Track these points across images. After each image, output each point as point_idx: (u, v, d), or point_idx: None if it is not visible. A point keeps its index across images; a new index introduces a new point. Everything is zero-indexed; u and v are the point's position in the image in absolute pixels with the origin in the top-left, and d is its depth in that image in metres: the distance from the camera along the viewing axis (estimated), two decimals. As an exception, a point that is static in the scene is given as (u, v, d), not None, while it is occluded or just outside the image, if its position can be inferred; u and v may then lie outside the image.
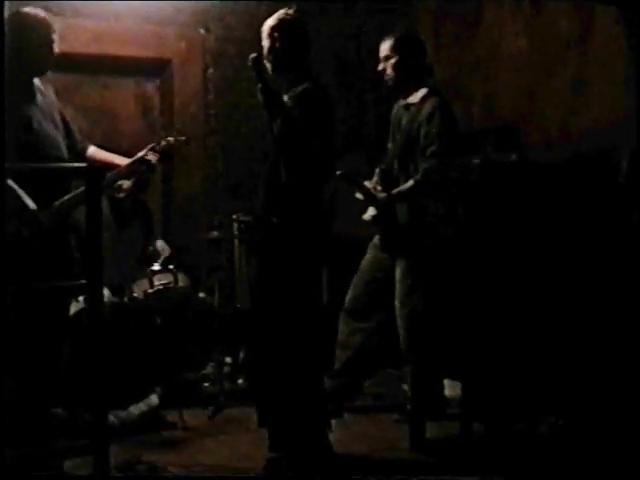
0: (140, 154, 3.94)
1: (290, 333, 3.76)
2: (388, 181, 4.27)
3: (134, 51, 5.84)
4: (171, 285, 4.95)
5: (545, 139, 5.26)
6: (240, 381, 5.19)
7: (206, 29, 6.06)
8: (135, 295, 4.85)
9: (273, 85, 3.75)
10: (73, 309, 4.32)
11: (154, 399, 4.55)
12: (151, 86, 6.14)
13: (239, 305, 5.37)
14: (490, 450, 3.97)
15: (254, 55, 3.72)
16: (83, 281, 2.84)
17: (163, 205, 6.12)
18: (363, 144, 6.37)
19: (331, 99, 3.97)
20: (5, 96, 2.78)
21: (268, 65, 3.84)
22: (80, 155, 3.97)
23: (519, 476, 3.73)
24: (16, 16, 3.64)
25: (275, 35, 3.84)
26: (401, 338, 4.26)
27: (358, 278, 4.48)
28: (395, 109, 4.47)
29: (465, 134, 4.65)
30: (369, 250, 4.48)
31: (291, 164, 3.74)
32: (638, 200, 4.17)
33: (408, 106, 4.34)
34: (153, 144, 3.99)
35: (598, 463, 3.68)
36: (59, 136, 3.82)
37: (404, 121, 4.34)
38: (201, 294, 5.34)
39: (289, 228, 3.77)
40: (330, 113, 3.90)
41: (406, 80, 4.31)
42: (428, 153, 4.15)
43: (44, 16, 3.74)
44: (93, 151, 4.06)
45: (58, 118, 3.87)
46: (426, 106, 4.22)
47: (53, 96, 3.90)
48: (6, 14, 3.03)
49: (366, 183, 4.27)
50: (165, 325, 4.69)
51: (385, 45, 4.32)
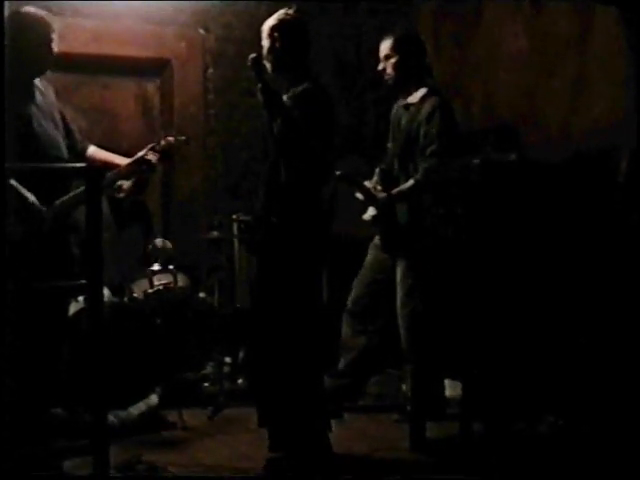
0: (140, 154, 3.93)
1: (290, 333, 3.76)
2: (388, 181, 4.27)
3: (134, 51, 5.84)
4: (171, 285, 4.94)
5: (545, 139, 5.26)
6: (240, 381, 5.19)
7: (206, 29, 6.06)
8: (135, 295, 4.85)
9: (273, 85, 3.76)
10: (73, 309, 4.32)
11: (154, 399, 4.55)
12: (151, 86, 6.14)
13: (239, 305, 5.37)
14: (490, 450, 3.97)
15: (254, 55, 3.72)
16: (83, 281, 2.84)
17: (163, 205, 6.11)
18: (363, 144, 6.36)
19: (331, 99, 3.97)
20: (5, 96, 2.78)
21: (268, 65, 3.84)
22: (80, 155, 3.96)
23: (519, 476, 3.73)
24: (16, 16, 3.63)
25: (275, 35, 3.84)
26: (402, 338, 4.26)
27: (359, 279, 4.47)
28: (395, 109, 4.47)
29: (465, 134, 4.65)
30: (370, 251, 4.48)
31: (291, 164, 3.74)
32: (638, 200, 4.17)
33: (408, 106, 4.34)
34: (153, 144, 3.98)
35: (598, 463, 3.68)
36: (59, 136, 3.81)
37: (404, 121, 4.34)
38: (201, 294, 5.34)
39: (289, 228, 3.78)
40: (330, 113, 3.90)
41: (406, 80, 4.31)
42: (428, 153, 4.15)
43: (43, 15, 3.74)
44: (93, 151, 4.05)
45: (58, 118, 3.86)
46: (426, 106, 4.22)
47: (53, 96, 3.89)
48: (6, 13, 3.02)
49: (366, 183, 4.28)
50: (165, 325, 4.69)
51: (385, 45, 4.32)
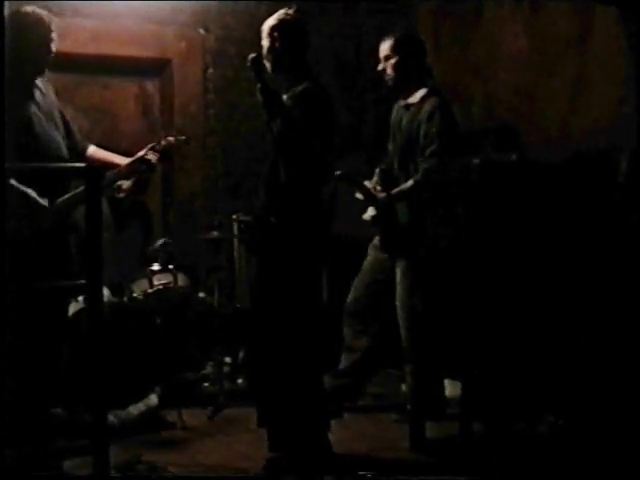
0: (140, 154, 3.93)
1: (290, 333, 3.76)
2: (388, 181, 4.27)
3: (134, 51, 5.84)
4: (171, 285, 4.94)
5: (545, 139, 5.26)
6: (240, 381, 5.18)
7: (206, 29, 6.06)
8: (135, 295, 4.84)
9: (273, 85, 3.75)
10: (73, 309, 4.32)
11: (153, 399, 4.55)
12: (151, 86, 6.14)
13: (239, 305, 5.37)
14: (490, 450, 3.97)
15: (253, 55, 3.72)
16: (83, 281, 2.84)
17: (163, 205, 6.11)
18: (363, 144, 6.36)
19: (330, 99, 3.96)
20: (5, 96, 2.78)
21: (268, 65, 3.84)
22: (80, 155, 3.96)
23: (519, 476, 3.73)
24: (16, 15, 3.63)
25: (275, 35, 3.84)
26: (402, 338, 4.26)
27: (359, 280, 4.47)
28: (395, 109, 4.47)
29: (465, 134, 4.65)
30: (369, 251, 4.48)
31: (290, 164, 3.74)
32: (638, 200, 4.17)
33: (408, 106, 4.34)
34: (153, 144, 3.98)
35: (598, 463, 3.68)
36: (59, 136, 3.81)
37: (404, 121, 4.33)
38: (201, 294, 5.33)
39: (289, 228, 3.77)
40: (329, 113, 3.90)
41: (406, 80, 4.31)
42: (428, 153, 4.15)
43: (43, 15, 3.74)
44: (93, 151, 4.05)
45: (58, 118, 3.86)
46: (426, 106, 4.22)
47: (53, 96, 3.89)
48: (6, 13, 3.02)
49: (366, 183, 4.27)
50: (165, 325, 4.69)
51: (385, 45, 4.32)
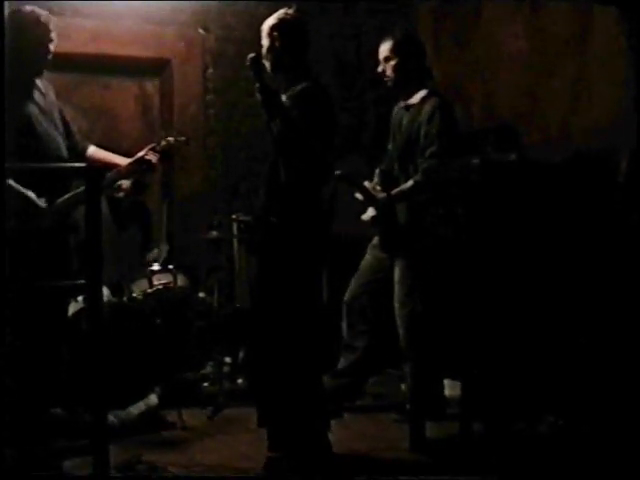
0: (140, 154, 3.93)
1: (290, 333, 3.76)
2: (388, 182, 4.27)
3: (134, 51, 5.84)
4: (171, 285, 4.94)
5: (545, 139, 5.26)
6: (240, 381, 5.18)
7: (205, 29, 6.06)
8: (134, 295, 4.84)
9: (272, 84, 3.75)
10: (72, 309, 4.32)
11: (153, 399, 4.55)
12: (150, 86, 6.13)
13: (239, 305, 5.37)
14: (490, 450, 3.97)
15: (253, 55, 3.72)
16: (82, 281, 2.84)
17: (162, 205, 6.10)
18: (363, 144, 6.36)
19: (330, 99, 3.96)
20: (5, 96, 2.78)
21: (267, 64, 3.83)
22: (80, 155, 3.96)
23: (519, 476, 3.73)
24: (15, 15, 3.63)
25: (274, 34, 3.83)
26: (400, 338, 4.26)
27: (357, 279, 4.47)
28: (395, 110, 4.47)
29: (465, 134, 4.65)
30: (368, 250, 4.49)
31: (290, 164, 3.73)
32: (638, 200, 4.17)
33: (408, 107, 4.34)
34: (153, 144, 3.98)
35: (598, 463, 3.68)
36: (59, 136, 3.81)
37: (404, 122, 4.33)
38: (201, 294, 5.33)
39: (289, 228, 3.77)
40: (329, 112, 3.89)
41: (406, 82, 4.31)
42: (428, 154, 4.15)
43: (42, 15, 3.74)
44: (93, 151, 4.05)
45: (58, 118, 3.86)
46: (426, 107, 4.22)
47: (53, 96, 3.89)
48: (6, 13, 3.02)
49: (366, 184, 4.27)
50: (164, 325, 4.69)
51: (384, 47, 4.32)
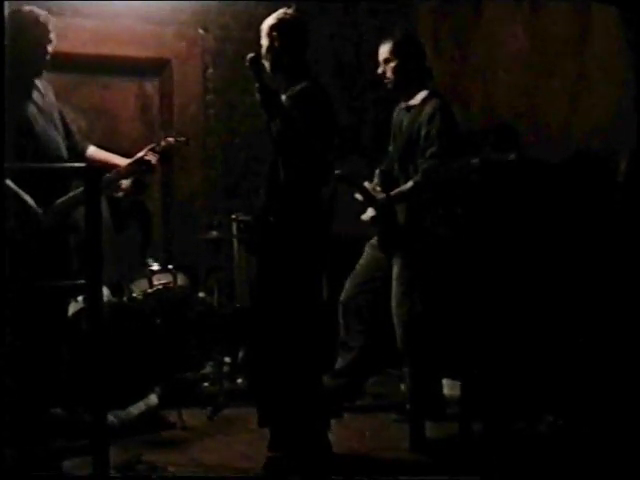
0: (140, 154, 3.93)
1: (290, 333, 3.76)
2: (388, 183, 4.27)
3: (133, 51, 5.83)
4: (171, 285, 4.94)
5: (545, 139, 5.26)
6: (240, 381, 5.18)
7: (205, 29, 6.06)
8: (134, 295, 4.84)
9: (272, 84, 3.75)
10: (72, 309, 4.32)
11: (153, 399, 4.55)
12: (150, 86, 6.13)
13: (239, 305, 5.37)
14: (490, 450, 3.97)
15: (252, 55, 3.71)
16: (82, 281, 2.84)
17: (163, 205, 6.11)
18: (363, 145, 6.36)
19: (330, 98, 3.95)
20: (5, 96, 2.77)
21: (267, 64, 3.83)
22: (80, 155, 3.96)
23: (519, 476, 3.73)
24: (15, 15, 3.63)
25: (274, 34, 3.83)
26: (398, 338, 4.26)
27: (353, 278, 4.48)
28: (396, 111, 4.47)
29: (465, 134, 4.65)
30: (366, 249, 4.49)
31: (290, 164, 3.73)
32: (638, 200, 4.17)
33: (409, 108, 4.34)
34: (153, 144, 3.98)
35: (598, 463, 3.68)
36: (58, 136, 3.81)
37: (405, 123, 4.33)
38: (201, 294, 5.33)
39: (288, 228, 3.77)
40: (329, 112, 3.89)
41: (406, 83, 4.31)
42: (428, 154, 4.15)
43: (41, 15, 3.73)
44: (93, 151, 4.05)
45: (58, 118, 3.86)
46: (426, 108, 4.22)
47: (52, 96, 3.89)
48: (6, 13, 3.02)
49: (366, 184, 4.27)
50: (164, 325, 4.69)
51: (384, 48, 4.31)
